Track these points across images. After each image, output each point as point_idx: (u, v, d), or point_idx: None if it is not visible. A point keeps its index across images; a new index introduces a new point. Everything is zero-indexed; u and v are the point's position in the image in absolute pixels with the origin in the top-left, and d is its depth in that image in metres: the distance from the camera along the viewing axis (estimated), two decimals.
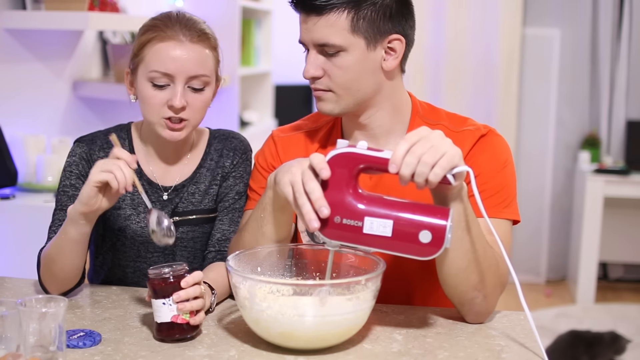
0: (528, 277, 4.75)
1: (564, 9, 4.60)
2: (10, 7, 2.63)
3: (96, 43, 3.24)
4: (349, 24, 1.44)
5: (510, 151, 1.58)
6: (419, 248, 1.26)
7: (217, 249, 1.65)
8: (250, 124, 4.31)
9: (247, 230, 1.50)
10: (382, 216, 1.27)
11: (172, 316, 1.33)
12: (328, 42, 1.45)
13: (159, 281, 1.33)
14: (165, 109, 1.54)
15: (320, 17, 1.44)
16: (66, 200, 1.60)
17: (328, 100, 1.51)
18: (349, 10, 1.43)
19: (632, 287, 4.73)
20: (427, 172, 1.24)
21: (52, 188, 2.58)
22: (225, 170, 1.68)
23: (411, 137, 1.26)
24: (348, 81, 1.48)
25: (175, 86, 1.53)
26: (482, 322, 1.47)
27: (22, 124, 2.72)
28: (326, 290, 1.30)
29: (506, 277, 1.44)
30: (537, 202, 4.73)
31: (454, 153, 1.26)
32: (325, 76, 1.48)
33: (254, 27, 4.31)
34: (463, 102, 4.62)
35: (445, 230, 1.25)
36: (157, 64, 1.52)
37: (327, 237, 1.30)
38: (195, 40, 1.55)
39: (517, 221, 1.54)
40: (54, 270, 1.51)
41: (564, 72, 4.64)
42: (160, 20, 1.57)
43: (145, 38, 1.55)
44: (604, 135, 4.59)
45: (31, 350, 1.20)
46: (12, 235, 2.45)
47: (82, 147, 1.63)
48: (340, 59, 1.46)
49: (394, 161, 1.25)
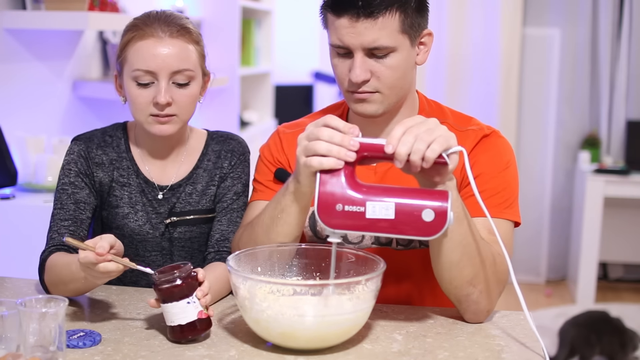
0: (528, 277, 4.75)
1: (564, 9, 4.60)
2: (10, 7, 2.63)
3: (96, 43, 3.24)
4: (399, 24, 1.43)
5: (514, 154, 1.58)
6: (422, 227, 1.27)
7: (216, 249, 1.65)
8: (250, 124, 4.31)
9: (261, 226, 1.48)
10: (383, 200, 1.27)
11: (198, 312, 1.33)
12: (381, 45, 1.43)
13: (177, 284, 1.32)
14: (151, 107, 1.55)
15: (374, 20, 1.41)
16: (66, 198, 1.60)
17: (374, 102, 1.49)
18: (400, 11, 1.42)
19: (632, 287, 4.73)
20: (424, 149, 1.24)
21: (52, 188, 2.58)
22: (223, 171, 1.69)
23: (407, 122, 1.28)
24: (396, 80, 1.47)
25: (159, 83, 1.53)
26: (481, 322, 1.47)
27: (22, 124, 2.72)
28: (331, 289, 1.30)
29: (505, 275, 1.44)
30: (537, 202, 4.73)
31: (450, 135, 1.27)
32: (374, 78, 1.46)
33: (254, 27, 4.31)
34: (463, 102, 4.62)
35: (447, 208, 1.26)
36: (139, 63, 1.53)
37: (330, 227, 1.29)
38: (175, 35, 1.55)
39: (518, 223, 1.54)
40: (64, 290, 1.48)
41: (564, 72, 4.64)
42: (140, 19, 1.57)
43: (127, 38, 1.55)
44: (604, 135, 4.59)
45: (31, 350, 1.20)
46: (12, 235, 2.44)
47: (80, 145, 1.63)
48: (390, 60, 1.45)
49: (390, 142, 1.26)
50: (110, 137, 1.66)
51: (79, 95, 3.07)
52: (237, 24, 3.89)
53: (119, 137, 1.66)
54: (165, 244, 1.66)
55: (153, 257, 1.66)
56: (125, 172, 1.65)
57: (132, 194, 1.64)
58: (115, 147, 1.66)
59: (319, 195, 1.29)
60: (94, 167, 1.62)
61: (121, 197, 1.64)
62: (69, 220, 1.58)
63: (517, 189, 1.56)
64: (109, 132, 1.67)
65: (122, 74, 1.58)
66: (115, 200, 1.63)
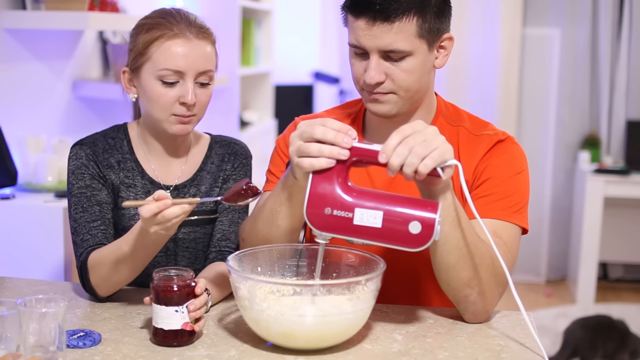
0: (528, 277, 4.75)
1: (564, 9, 4.60)
2: (10, 7, 2.63)
3: (96, 43, 3.24)
4: (416, 29, 1.43)
5: (527, 162, 1.57)
6: (408, 239, 1.26)
7: (218, 249, 1.66)
8: (250, 124, 4.31)
9: (261, 218, 1.49)
10: (372, 207, 1.27)
11: (183, 323, 1.32)
12: (397, 49, 1.43)
13: (171, 289, 1.32)
14: (176, 106, 1.56)
15: (390, 24, 1.41)
16: (86, 201, 1.59)
17: (388, 102, 1.49)
18: (418, 15, 1.42)
19: (632, 287, 4.73)
20: (417, 163, 1.23)
21: (52, 188, 2.58)
22: (226, 173, 1.70)
23: (405, 130, 1.26)
24: (412, 83, 1.47)
25: (186, 82, 1.55)
26: (480, 322, 1.47)
27: (22, 124, 2.72)
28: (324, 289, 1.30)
29: (505, 277, 1.43)
30: (537, 202, 4.73)
31: (447, 149, 1.26)
32: (388, 80, 1.46)
33: (254, 27, 4.31)
34: (463, 101, 4.61)
35: (434, 221, 1.25)
36: (167, 62, 1.54)
37: (318, 229, 1.29)
38: (200, 37, 1.57)
39: (526, 230, 1.54)
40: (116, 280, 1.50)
41: (564, 72, 4.64)
42: (163, 18, 1.58)
43: (151, 36, 1.55)
44: (604, 135, 4.59)
45: (31, 350, 1.20)
46: (12, 235, 2.44)
47: (86, 150, 1.63)
48: (406, 63, 1.45)
49: (384, 151, 1.25)
50: (112, 140, 1.66)
51: (79, 95, 3.07)
52: (237, 24, 3.89)
53: (120, 139, 1.67)
54: (170, 244, 1.66)
55: (157, 258, 1.66)
56: (130, 174, 1.65)
57: (138, 194, 1.64)
58: (119, 148, 1.66)
59: (309, 196, 1.29)
60: (104, 169, 1.62)
61: (127, 199, 1.64)
62: (98, 220, 1.58)
63: (527, 196, 1.55)
64: (110, 135, 1.67)
65: (138, 71, 1.58)
66: (122, 202, 1.63)
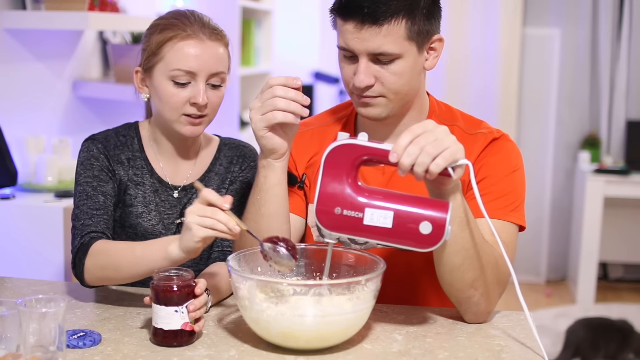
0: (528, 277, 4.75)
1: (564, 9, 4.60)
2: (10, 7, 2.63)
3: (96, 43, 3.24)
4: (405, 32, 1.42)
5: (522, 159, 1.57)
6: (419, 239, 1.26)
7: (220, 248, 1.66)
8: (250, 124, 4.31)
9: (247, 217, 1.50)
10: (382, 207, 1.27)
11: (183, 324, 1.32)
12: (386, 52, 1.42)
13: (171, 289, 1.32)
14: (187, 106, 1.56)
15: (379, 27, 1.40)
16: (91, 190, 1.58)
17: (378, 105, 1.49)
18: (407, 18, 1.41)
19: (632, 287, 4.73)
20: (428, 162, 1.23)
21: (52, 188, 2.58)
22: (234, 175, 1.70)
23: (415, 129, 1.25)
24: (401, 86, 1.46)
25: (198, 84, 1.55)
26: (481, 322, 1.47)
27: (22, 124, 2.72)
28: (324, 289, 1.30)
29: (507, 277, 1.44)
30: (537, 202, 4.73)
31: (458, 148, 1.25)
32: (378, 83, 1.46)
33: (254, 27, 4.31)
34: (463, 101, 4.61)
35: (445, 222, 1.25)
36: (180, 62, 1.54)
37: (328, 229, 1.29)
38: (213, 38, 1.57)
39: (523, 228, 1.54)
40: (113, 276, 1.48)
41: (564, 72, 4.64)
42: (176, 18, 1.58)
43: (164, 37, 1.56)
44: (604, 135, 4.59)
45: (31, 350, 1.20)
46: (12, 235, 2.45)
47: (97, 145, 1.63)
48: (395, 66, 1.44)
49: (395, 150, 1.24)
50: (124, 137, 1.67)
51: (79, 95, 3.07)
52: (237, 24, 3.89)
53: (131, 137, 1.67)
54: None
55: None
56: (139, 172, 1.65)
57: (146, 193, 1.65)
58: (130, 146, 1.66)
59: (319, 195, 1.29)
60: (114, 164, 1.63)
61: (135, 196, 1.64)
62: (101, 210, 1.57)
63: (523, 194, 1.54)
64: (122, 132, 1.68)
65: (151, 71, 1.58)
66: (130, 199, 1.64)
